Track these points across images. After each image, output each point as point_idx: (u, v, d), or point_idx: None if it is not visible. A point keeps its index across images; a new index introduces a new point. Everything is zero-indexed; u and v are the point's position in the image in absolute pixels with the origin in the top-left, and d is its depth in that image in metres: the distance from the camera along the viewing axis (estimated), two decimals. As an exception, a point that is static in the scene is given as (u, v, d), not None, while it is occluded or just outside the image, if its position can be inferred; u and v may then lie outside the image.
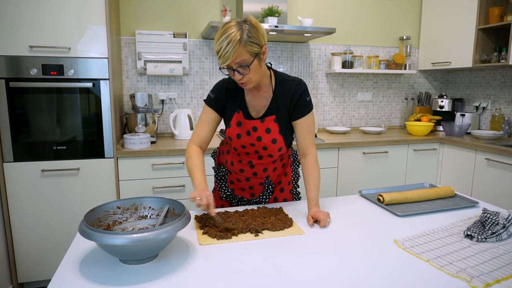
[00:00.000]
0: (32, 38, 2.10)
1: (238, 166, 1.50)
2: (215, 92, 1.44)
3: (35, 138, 2.20)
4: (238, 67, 1.23)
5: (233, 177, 1.54)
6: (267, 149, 1.42)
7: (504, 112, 3.15)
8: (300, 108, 1.40)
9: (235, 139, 1.42)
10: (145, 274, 0.94)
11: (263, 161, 1.46)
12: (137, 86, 2.92)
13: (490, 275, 0.94)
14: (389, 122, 3.66)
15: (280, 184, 1.57)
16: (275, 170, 1.51)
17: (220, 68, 1.25)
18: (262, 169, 1.48)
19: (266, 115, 1.40)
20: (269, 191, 1.53)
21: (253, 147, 1.42)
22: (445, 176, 3.01)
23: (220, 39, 1.19)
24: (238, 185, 1.55)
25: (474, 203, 1.50)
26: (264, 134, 1.39)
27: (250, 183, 1.52)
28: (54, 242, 2.31)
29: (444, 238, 1.17)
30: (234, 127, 1.41)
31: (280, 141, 1.41)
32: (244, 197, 1.56)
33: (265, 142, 1.40)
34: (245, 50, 1.20)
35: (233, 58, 1.19)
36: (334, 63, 3.24)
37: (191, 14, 2.96)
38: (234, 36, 1.18)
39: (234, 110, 1.41)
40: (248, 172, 1.49)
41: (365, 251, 1.08)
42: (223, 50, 1.19)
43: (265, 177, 1.51)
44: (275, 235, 1.19)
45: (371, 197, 1.58)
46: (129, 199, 1.18)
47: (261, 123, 1.39)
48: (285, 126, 1.42)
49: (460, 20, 3.07)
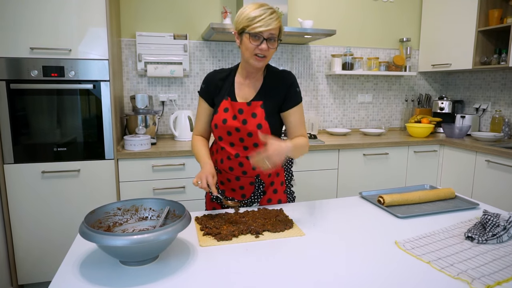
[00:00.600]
0: (32, 39, 2.11)
1: (227, 163, 1.49)
2: (205, 82, 1.49)
3: (35, 140, 2.20)
4: (271, 37, 1.31)
5: (223, 177, 1.54)
6: (252, 136, 1.41)
7: (504, 114, 3.15)
8: (291, 98, 1.43)
9: (221, 125, 1.43)
10: (146, 275, 0.94)
11: (250, 153, 1.43)
12: (137, 87, 2.93)
13: (491, 277, 0.94)
14: (389, 124, 3.66)
15: (272, 185, 1.56)
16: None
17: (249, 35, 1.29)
18: (251, 166, 1.46)
19: (254, 100, 1.43)
20: (260, 191, 1.53)
21: (238, 133, 1.42)
22: (445, 178, 3.01)
23: (261, 8, 1.29)
24: (228, 186, 1.55)
25: (474, 205, 1.50)
26: (250, 118, 1.40)
27: (240, 183, 1.51)
28: (55, 244, 2.30)
29: (445, 239, 1.17)
30: (221, 113, 1.43)
31: (266, 128, 1.40)
32: (235, 198, 1.56)
33: (249, 127, 1.40)
34: (278, 25, 1.31)
35: (274, 25, 1.29)
36: (334, 64, 3.24)
37: (191, 15, 2.97)
38: (276, 10, 1.31)
39: (222, 97, 1.45)
40: (237, 170, 1.49)
41: (365, 253, 1.08)
42: (267, 15, 1.28)
43: (255, 176, 1.50)
44: (276, 237, 1.18)
45: (372, 198, 1.58)
46: (130, 200, 1.18)
47: (248, 106, 1.41)
48: (272, 114, 1.42)
49: (460, 22, 3.07)
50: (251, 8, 1.30)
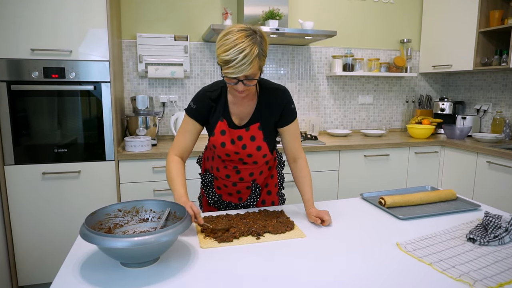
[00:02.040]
0: (33, 41, 2.11)
1: (224, 172, 1.48)
2: (196, 102, 1.38)
3: (36, 141, 2.20)
4: (245, 79, 1.20)
5: (220, 183, 1.52)
6: (252, 156, 1.41)
7: (505, 115, 3.15)
8: (286, 116, 1.41)
9: (219, 148, 1.39)
10: (146, 277, 0.94)
11: (248, 166, 1.46)
12: (138, 88, 2.93)
13: (493, 279, 0.93)
14: (390, 125, 3.66)
15: (267, 186, 1.57)
16: (261, 173, 1.51)
17: (224, 77, 1.20)
18: (248, 173, 1.47)
19: (251, 123, 1.39)
20: (256, 194, 1.53)
21: (237, 155, 1.41)
22: (446, 179, 3.01)
23: (233, 49, 1.13)
24: (225, 190, 1.54)
25: (476, 206, 1.50)
26: (249, 142, 1.39)
27: (237, 188, 1.51)
28: (55, 245, 2.30)
29: (447, 241, 1.17)
30: (218, 135, 1.37)
31: (265, 148, 1.41)
32: (232, 202, 1.55)
33: (249, 150, 1.39)
34: (258, 65, 1.18)
35: (248, 71, 1.16)
36: (335, 66, 3.24)
37: (192, 17, 2.97)
38: (252, 50, 1.14)
39: (217, 119, 1.37)
40: (234, 177, 1.48)
41: (367, 254, 1.08)
42: (238, 62, 1.13)
43: (252, 181, 1.50)
44: (277, 238, 1.18)
45: (373, 200, 1.58)
46: (130, 202, 1.18)
47: (246, 131, 1.38)
48: (269, 133, 1.42)
49: (460, 23, 3.07)
50: (227, 46, 1.14)
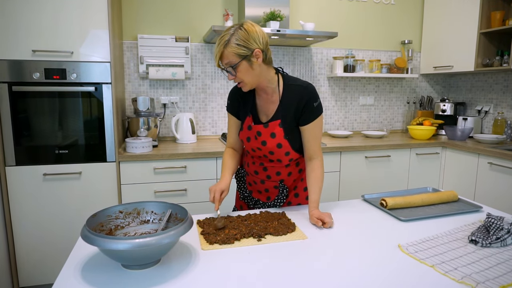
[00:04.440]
0: (34, 42, 2.11)
1: (253, 167, 1.53)
2: (229, 98, 1.52)
3: (37, 142, 2.20)
4: (228, 67, 1.30)
5: (250, 179, 1.57)
6: (274, 154, 1.43)
7: (506, 116, 3.14)
8: (307, 114, 1.39)
9: (246, 142, 1.48)
10: (147, 279, 0.94)
11: (275, 164, 1.48)
12: (139, 90, 2.93)
13: (495, 281, 0.93)
14: (391, 126, 3.65)
15: (295, 189, 1.57)
16: (290, 174, 1.52)
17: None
18: (275, 172, 1.50)
19: (272, 120, 1.41)
20: (283, 195, 1.54)
21: (260, 151, 1.45)
22: (447, 180, 3.00)
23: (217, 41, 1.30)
24: (255, 187, 1.57)
25: (478, 207, 1.49)
26: (269, 139, 1.40)
27: (265, 186, 1.53)
28: (56, 247, 2.30)
29: (449, 243, 1.16)
30: (245, 130, 1.46)
31: (286, 146, 1.41)
32: (260, 200, 1.58)
33: (270, 147, 1.41)
34: (231, 52, 1.26)
35: (218, 58, 1.29)
36: (336, 67, 3.24)
37: (193, 18, 2.97)
38: (223, 38, 1.27)
39: (246, 114, 1.46)
40: (262, 174, 1.52)
41: (368, 256, 1.07)
42: (214, 50, 1.30)
43: (279, 181, 1.51)
44: (278, 240, 1.18)
45: (374, 201, 1.57)
46: (132, 203, 1.17)
47: (265, 128, 1.40)
48: (291, 131, 1.41)
49: (462, 24, 3.07)
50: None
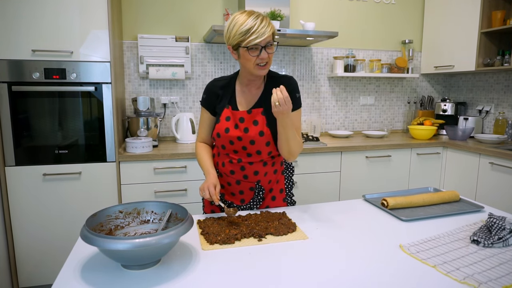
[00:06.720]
0: (34, 42, 2.11)
1: (229, 167, 1.49)
2: (206, 92, 1.51)
3: (37, 142, 2.19)
4: (267, 44, 1.30)
5: (224, 181, 1.53)
6: (254, 144, 1.41)
7: (507, 116, 3.14)
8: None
9: (223, 134, 1.44)
10: (147, 279, 0.93)
11: (253, 159, 1.45)
12: (139, 90, 2.92)
13: (497, 281, 0.92)
14: (392, 126, 3.65)
15: (271, 191, 1.56)
16: (266, 174, 1.50)
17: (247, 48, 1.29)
18: (253, 171, 1.47)
19: (255, 107, 1.43)
20: (259, 197, 1.52)
21: (240, 141, 1.43)
22: (448, 180, 2.99)
23: (250, 19, 1.27)
24: (228, 190, 1.54)
25: (479, 207, 1.49)
26: (251, 126, 1.41)
27: (241, 187, 1.50)
28: (56, 247, 2.30)
29: (450, 243, 1.16)
30: (223, 122, 1.44)
31: (268, 134, 1.41)
32: (234, 203, 1.54)
33: (251, 135, 1.41)
34: (272, 31, 1.30)
35: (269, 33, 1.28)
36: (336, 67, 3.23)
37: (193, 18, 2.96)
38: (264, 16, 1.30)
39: (224, 106, 1.45)
40: (238, 174, 1.48)
41: (370, 256, 1.07)
42: (259, 25, 1.26)
43: (256, 182, 1.50)
44: (279, 240, 1.17)
45: (375, 201, 1.57)
46: (131, 203, 1.17)
47: (248, 114, 1.42)
48: (273, 121, 1.40)
49: (463, 24, 3.06)
50: (241, 20, 1.29)
